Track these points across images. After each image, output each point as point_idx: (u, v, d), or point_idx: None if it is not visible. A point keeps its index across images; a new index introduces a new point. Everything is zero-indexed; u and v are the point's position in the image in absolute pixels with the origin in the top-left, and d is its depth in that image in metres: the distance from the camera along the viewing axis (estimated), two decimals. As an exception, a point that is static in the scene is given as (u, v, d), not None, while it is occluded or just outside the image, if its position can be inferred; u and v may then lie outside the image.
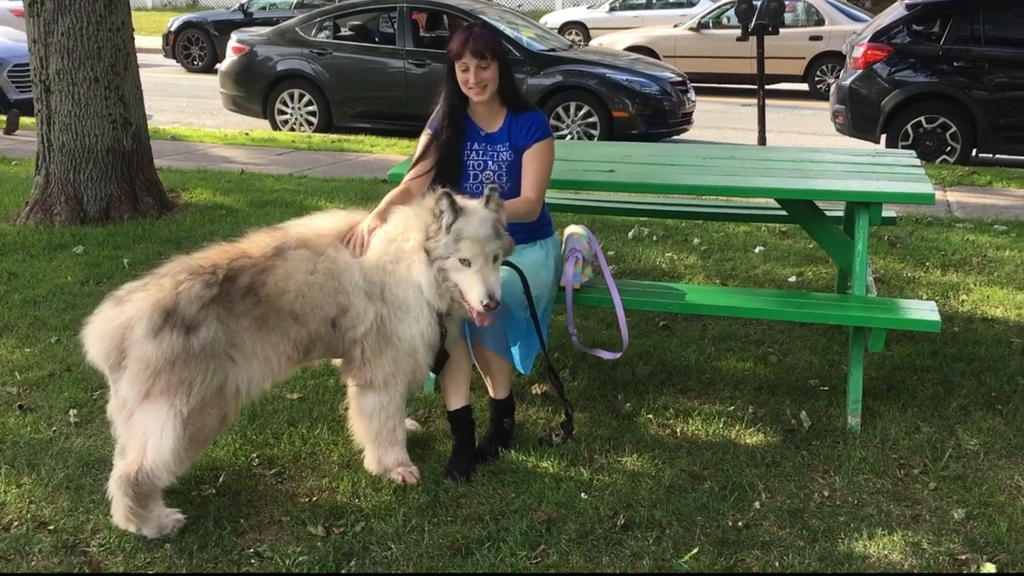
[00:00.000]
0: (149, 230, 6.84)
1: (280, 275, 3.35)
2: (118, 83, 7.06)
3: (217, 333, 3.19)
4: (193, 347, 3.13)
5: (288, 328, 3.36)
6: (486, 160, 3.97)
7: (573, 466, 3.79)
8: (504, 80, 3.90)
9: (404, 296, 3.45)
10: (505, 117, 3.97)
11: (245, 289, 3.29)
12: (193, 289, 3.18)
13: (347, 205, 7.72)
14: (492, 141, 3.97)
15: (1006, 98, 10.11)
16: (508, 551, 3.19)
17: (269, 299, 3.32)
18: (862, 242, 4.22)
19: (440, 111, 3.99)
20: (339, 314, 3.44)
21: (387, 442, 3.61)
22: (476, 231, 3.35)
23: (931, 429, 4.06)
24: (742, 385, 4.51)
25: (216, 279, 3.23)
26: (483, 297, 3.32)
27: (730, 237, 6.96)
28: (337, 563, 3.13)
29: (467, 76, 3.85)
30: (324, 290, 3.42)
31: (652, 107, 11.39)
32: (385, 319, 3.46)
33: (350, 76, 11.95)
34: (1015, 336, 5.06)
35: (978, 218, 7.61)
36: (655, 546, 3.25)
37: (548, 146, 3.94)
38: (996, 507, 3.50)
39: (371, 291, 3.45)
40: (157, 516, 3.23)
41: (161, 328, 3.11)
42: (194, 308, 3.16)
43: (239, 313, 3.26)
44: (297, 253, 3.42)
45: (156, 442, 3.13)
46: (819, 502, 3.55)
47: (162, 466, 3.14)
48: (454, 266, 3.36)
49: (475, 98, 3.90)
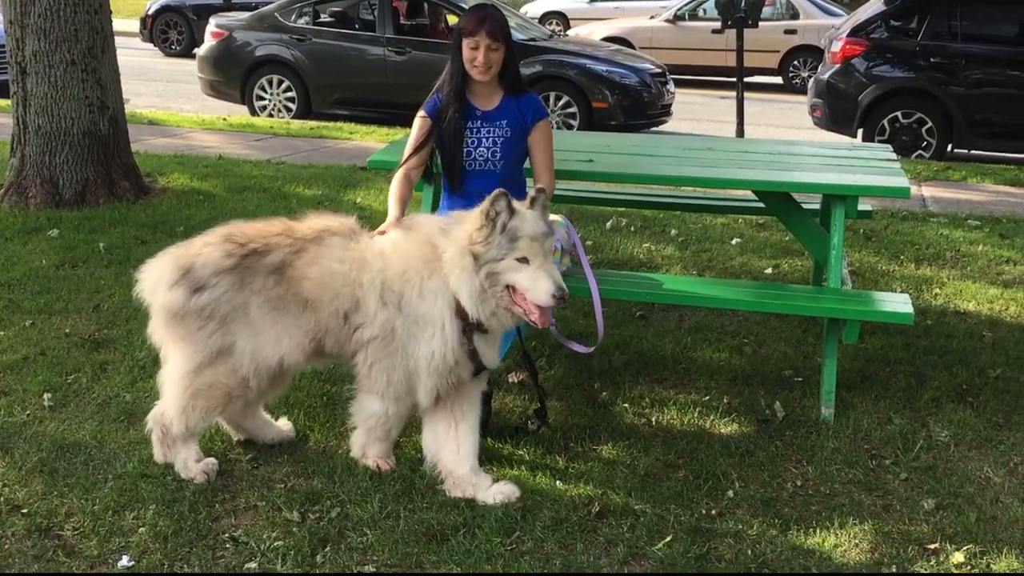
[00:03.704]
0: (125, 214, 6.79)
1: (308, 259, 3.38)
2: (95, 66, 6.99)
3: (219, 299, 3.32)
4: (190, 305, 3.32)
5: (299, 316, 3.38)
6: (480, 138, 4.01)
7: (549, 454, 3.81)
8: (509, 63, 3.99)
9: (426, 311, 3.35)
10: (502, 98, 4.05)
11: (273, 267, 3.36)
12: (212, 255, 3.35)
13: (326, 192, 7.72)
14: (489, 119, 4.03)
15: (982, 94, 10.23)
16: (483, 537, 3.20)
17: (291, 282, 3.36)
18: (838, 235, 4.26)
19: (446, 89, 4.01)
20: (352, 308, 3.39)
21: (378, 437, 3.59)
22: (534, 229, 3.25)
23: (903, 421, 4.11)
24: (717, 375, 4.55)
25: (239, 252, 3.35)
26: (553, 290, 3.20)
27: (707, 229, 7.00)
28: (312, 548, 3.13)
29: (476, 54, 3.89)
30: (345, 279, 3.38)
31: (632, 98, 11.41)
32: (397, 330, 3.37)
33: (329, 63, 11.88)
34: (987, 330, 5.13)
35: (952, 213, 7.69)
36: (629, 533, 3.27)
37: (548, 126, 4.13)
38: (966, 497, 3.56)
39: (386, 297, 3.36)
40: (184, 458, 3.48)
41: (176, 283, 3.34)
42: (207, 272, 3.33)
43: (256, 289, 3.35)
44: (334, 239, 3.43)
45: (169, 392, 3.48)
46: (791, 491, 3.59)
47: (172, 415, 3.45)
48: (510, 267, 3.24)
49: (478, 77, 3.95)
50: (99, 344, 4.64)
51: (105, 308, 5.08)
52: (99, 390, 4.19)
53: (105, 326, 4.85)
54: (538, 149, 4.08)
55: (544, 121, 4.09)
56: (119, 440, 3.78)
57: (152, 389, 4.16)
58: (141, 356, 4.49)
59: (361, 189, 7.93)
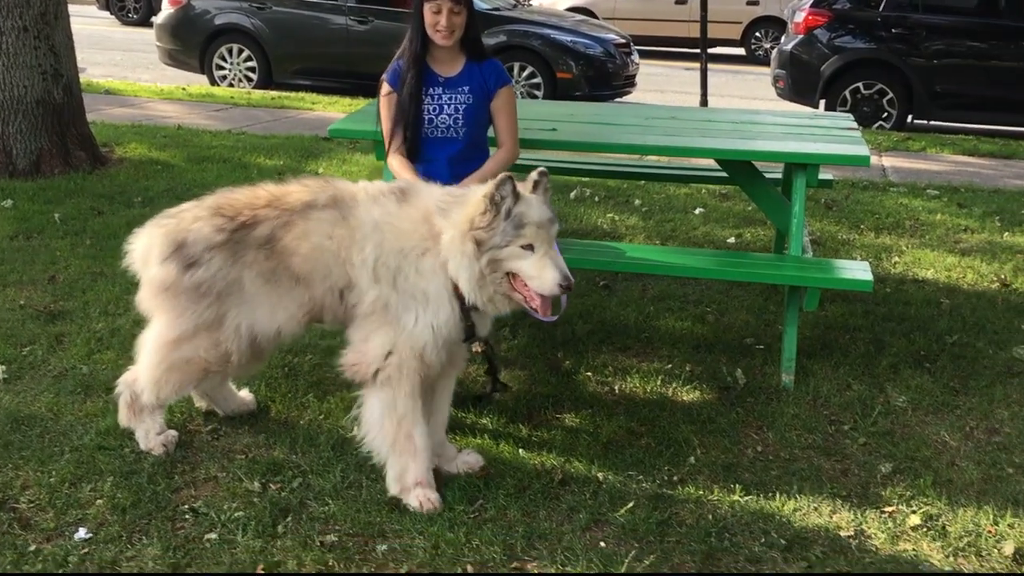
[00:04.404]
0: (81, 184, 6.66)
1: (297, 233, 3.27)
2: (48, 33, 6.82)
3: (215, 275, 3.25)
4: (184, 282, 3.26)
5: (292, 289, 3.29)
6: (441, 104, 3.97)
7: (512, 423, 3.81)
8: (470, 27, 3.94)
9: (425, 287, 3.19)
10: (464, 63, 4.00)
11: (263, 240, 3.27)
12: (203, 230, 3.28)
13: (287, 163, 7.63)
14: (451, 85, 3.98)
15: (942, 65, 10.31)
16: (446, 506, 3.20)
17: (281, 255, 3.27)
18: (799, 203, 4.28)
19: (406, 56, 3.96)
20: (347, 286, 3.26)
21: (408, 452, 3.23)
22: (540, 215, 3.10)
23: (861, 387, 4.16)
24: (680, 344, 4.57)
25: (229, 226, 3.28)
26: (559, 279, 3.07)
27: (671, 199, 7.01)
28: (273, 518, 3.11)
29: (438, 19, 3.84)
30: (336, 258, 3.25)
31: (596, 69, 11.38)
32: (391, 306, 3.20)
33: (291, 31, 11.72)
34: (944, 297, 5.20)
35: (912, 183, 7.77)
36: (591, 500, 3.28)
37: (512, 92, 4.09)
38: (922, 461, 3.61)
39: (379, 273, 3.20)
40: (146, 429, 3.46)
41: (167, 257, 3.29)
42: (199, 248, 3.26)
43: (248, 262, 3.27)
44: (322, 213, 3.28)
45: (146, 359, 3.42)
46: (752, 457, 3.62)
47: (144, 384, 3.41)
48: (514, 254, 3.09)
49: (440, 42, 3.89)
50: (55, 316, 4.56)
51: (61, 280, 4.99)
52: (55, 362, 4.12)
53: (61, 298, 4.77)
54: (501, 116, 4.05)
55: (507, 87, 4.05)
56: (76, 412, 3.72)
57: (109, 360, 4.13)
58: (98, 328, 4.42)
59: (323, 159, 7.84)
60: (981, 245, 6.13)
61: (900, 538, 3.15)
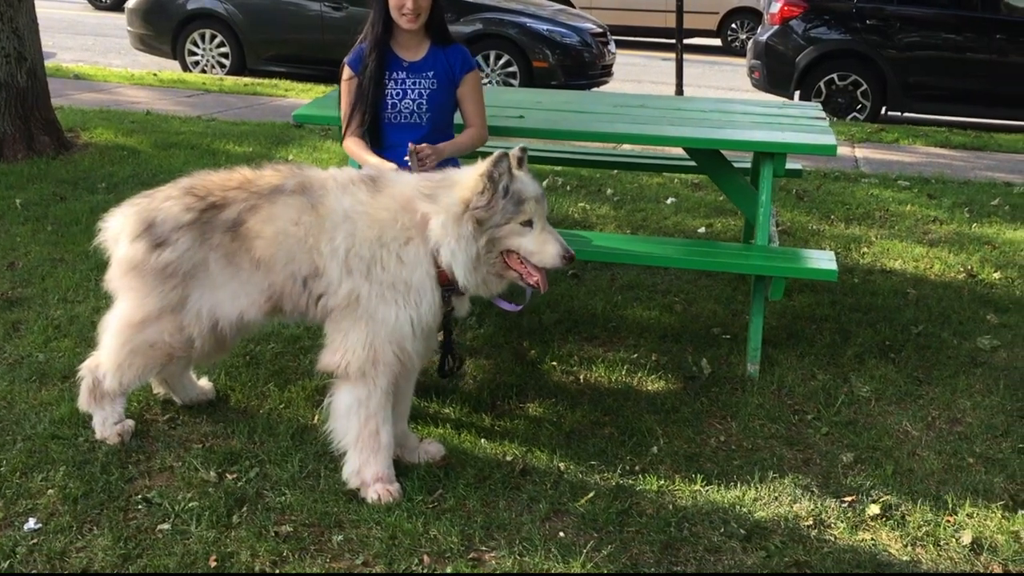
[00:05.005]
0: (44, 170, 6.56)
1: (262, 216, 3.20)
2: (11, 15, 6.70)
3: (182, 256, 3.21)
4: (152, 261, 3.21)
5: (253, 274, 3.21)
6: (405, 90, 3.92)
7: (475, 412, 3.78)
8: (435, 11, 3.91)
9: (408, 276, 3.11)
10: (429, 48, 3.96)
11: (229, 223, 3.21)
12: (172, 209, 3.24)
13: (256, 149, 7.55)
14: (415, 70, 3.94)
15: (915, 57, 10.35)
16: (405, 496, 3.17)
17: (244, 239, 3.21)
18: (766, 193, 4.26)
19: (368, 40, 3.91)
20: (311, 274, 3.16)
21: (370, 448, 3.18)
22: (535, 190, 3.09)
23: (826, 376, 4.16)
24: (647, 333, 4.55)
25: (198, 206, 3.24)
26: (561, 251, 3.07)
27: (643, 188, 6.99)
28: (228, 508, 3.07)
29: (404, 1, 3.78)
30: (301, 245, 3.16)
31: (572, 58, 11.33)
32: (363, 298, 3.11)
33: (264, 17, 11.59)
34: (911, 287, 5.21)
35: (883, 174, 7.79)
36: (552, 490, 3.26)
37: (478, 77, 4.04)
38: (884, 451, 3.61)
39: (351, 264, 3.11)
40: (104, 417, 3.41)
41: (138, 236, 3.25)
42: (168, 227, 3.22)
43: (214, 245, 3.22)
44: (290, 199, 3.20)
45: (108, 344, 3.37)
46: (715, 447, 3.61)
47: (107, 368, 3.36)
48: (513, 231, 3.07)
49: (406, 26, 3.85)
50: (12, 303, 4.48)
51: (20, 266, 4.91)
52: (10, 350, 4.05)
53: (19, 284, 4.69)
54: (468, 102, 4.01)
55: (473, 72, 4.01)
56: (30, 400, 3.66)
57: (66, 348, 4.06)
58: (56, 315, 4.35)
59: (294, 146, 7.76)
60: (949, 236, 6.15)
61: (859, 527, 3.15)
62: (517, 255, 3.13)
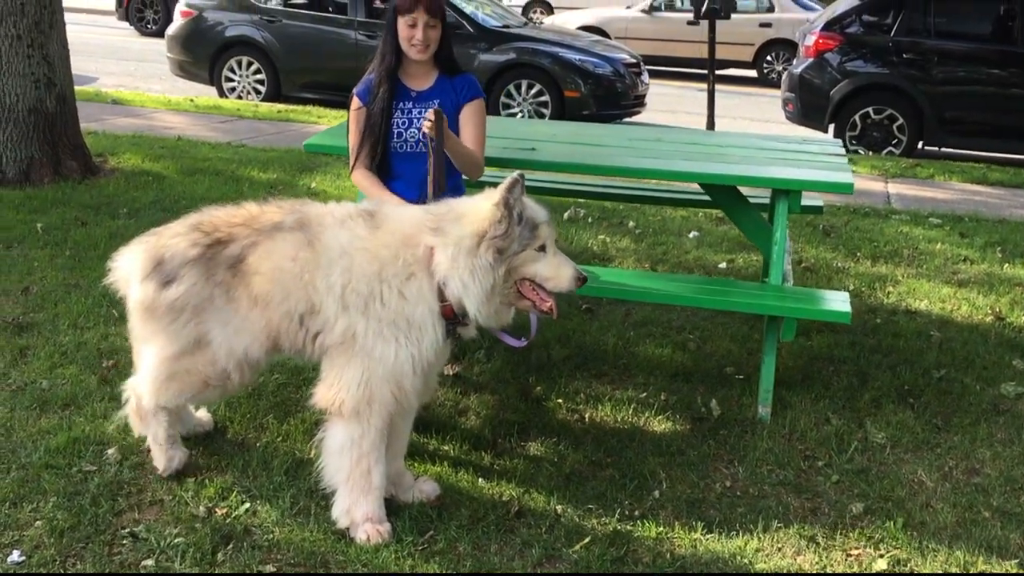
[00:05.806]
0: (69, 195, 6.62)
1: (261, 253, 3.17)
2: (42, 41, 6.81)
3: (188, 291, 3.18)
4: (160, 299, 3.19)
5: (250, 310, 3.17)
6: (411, 119, 3.90)
7: (475, 450, 3.71)
8: (444, 43, 3.90)
9: (409, 313, 3.03)
10: (437, 78, 3.95)
11: (233, 259, 3.19)
12: (179, 245, 3.23)
13: (280, 176, 7.58)
14: (421, 100, 3.92)
15: (953, 91, 10.16)
16: (395, 537, 3.10)
17: (244, 275, 3.18)
18: (780, 230, 4.16)
19: (378, 71, 3.90)
20: (308, 311, 3.10)
21: (360, 489, 3.11)
22: (544, 214, 3.08)
23: (840, 421, 4.03)
24: (657, 371, 4.45)
25: (204, 241, 3.22)
26: (576, 274, 3.08)
27: (666, 221, 6.90)
28: (214, 546, 3.02)
29: (413, 32, 3.78)
30: (297, 281, 3.10)
31: (605, 88, 11.30)
32: (359, 335, 3.04)
33: (300, 45, 11.72)
34: (935, 329, 5.05)
35: (915, 210, 7.62)
36: (547, 535, 3.17)
37: (482, 105, 3.99)
38: (895, 502, 3.48)
39: (348, 300, 3.04)
40: (153, 434, 3.39)
41: (147, 275, 3.24)
42: (175, 263, 3.20)
43: (219, 281, 3.19)
44: (288, 235, 3.16)
45: (144, 371, 3.37)
46: (719, 492, 3.50)
47: (145, 389, 3.35)
48: (529, 258, 3.04)
49: (415, 56, 3.84)
50: (22, 328, 4.50)
51: (34, 291, 4.93)
52: (15, 376, 4.05)
53: (32, 309, 4.71)
54: (467, 127, 3.92)
55: (478, 100, 3.95)
56: (28, 428, 3.64)
57: (71, 375, 4.07)
58: (64, 341, 4.36)
59: (317, 174, 7.79)
60: (979, 276, 5.98)
61: (864, 584, 3.02)
62: (530, 282, 3.08)
